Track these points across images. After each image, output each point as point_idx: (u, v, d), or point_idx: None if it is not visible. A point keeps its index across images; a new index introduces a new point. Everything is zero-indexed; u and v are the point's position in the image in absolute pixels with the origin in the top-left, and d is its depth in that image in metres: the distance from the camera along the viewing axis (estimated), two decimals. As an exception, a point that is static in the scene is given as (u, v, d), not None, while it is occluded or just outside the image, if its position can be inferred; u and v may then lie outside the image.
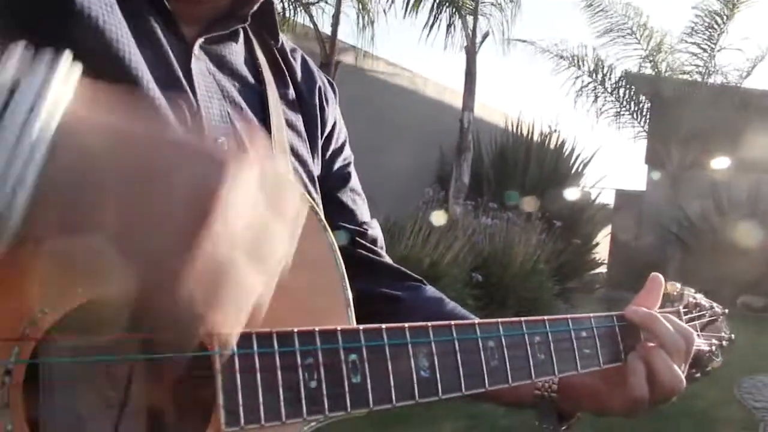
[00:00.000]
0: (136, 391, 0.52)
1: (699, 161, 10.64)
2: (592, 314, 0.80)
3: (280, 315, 0.54)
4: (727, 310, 1.10)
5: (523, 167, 9.19)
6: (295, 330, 0.54)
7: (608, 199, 12.35)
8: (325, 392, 0.54)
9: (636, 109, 11.68)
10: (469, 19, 8.20)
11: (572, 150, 10.04)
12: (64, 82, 0.38)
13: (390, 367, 0.58)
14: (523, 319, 0.71)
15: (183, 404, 0.53)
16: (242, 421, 0.51)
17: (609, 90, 11.57)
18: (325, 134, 0.85)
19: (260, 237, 0.42)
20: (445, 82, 9.98)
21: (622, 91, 11.58)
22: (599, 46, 11.26)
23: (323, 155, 0.85)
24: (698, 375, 0.99)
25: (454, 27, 8.23)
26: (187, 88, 0.66)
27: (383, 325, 0.58)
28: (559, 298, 7.02)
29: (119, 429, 0.52)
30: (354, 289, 0.63)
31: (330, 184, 0.85)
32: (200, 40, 0.70)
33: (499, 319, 0.69)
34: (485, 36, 8.31)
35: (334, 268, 0.59)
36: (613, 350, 0.81)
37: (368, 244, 0.88)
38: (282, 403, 0.52)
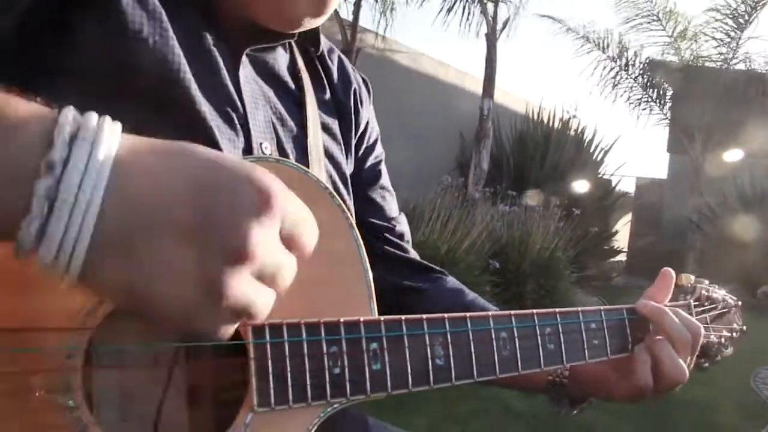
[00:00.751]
0: (179, 373, 0.58)
1: (721, 150, 10.53)
2: (602, 307, 0.84)
3: (309, 305, 0.59)
4: (740, 302, 1.12)
5: (543, 154, 9.15)
6: (321, 321, 0.59)
7: (629, 187, 12.29)
8: (347, 378, 0.59)
9: (659, 95, 11.56)
10: (490, 5, 8.15)
11: (592, 137, 9.98)
12: (112, 135, 0.42)
13: (408, 356, 0.63)
14: (535, 311, 0.75)
15: (220, 387, 0.59)
16: (273, 402, 0.56)
17: (632, 76, 11.45)
18: (358, 134, 0.89)
19: (277, 266, 0.46)
20: (465, 68, 9.96)
21: (645, 77, 11.45)
22: (624, 32, 11.13)
23: (356, 154, 0.89)
24: (707, 365, 1.03)
25: (472, 13, 8.20)
26: (236, 97, 0.70)
27: (402, 317, 0.63)
28: (577, 286, 7.02)
29: (163, 407, 0.57)
30: (382, 282, 0.67)
31: (361, 181, 0.89)
32: (248, 50, 0.73)
33: (512, 311, 0.73)
34: (506, 23, 8.27)
35: (359, 262, 0.64)
36: (622, 341, 0.85)
37: (395, 240, 0.93)
38: (308, 388, 0.57)
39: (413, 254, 0.96)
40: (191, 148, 0.44)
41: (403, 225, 0.95)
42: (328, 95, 0.85)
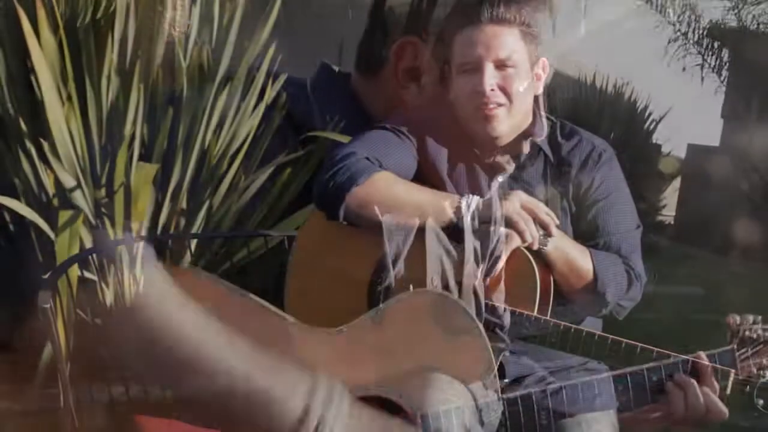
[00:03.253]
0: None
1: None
2: (662, 362, 1.21)
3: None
4: None
5: (596, 122, 9.16)
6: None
7: (680, 152, 12.18)
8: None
9: (716, 62, 11.36)
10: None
11: (645, 105, 9.93)
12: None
13: None
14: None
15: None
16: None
17: (692, 42, 11.26)
18: None
19: None
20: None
21: (705, 43, 11.25)
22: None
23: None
24: (748, 389, 1.28)
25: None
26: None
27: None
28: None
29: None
30: None
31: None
32: None
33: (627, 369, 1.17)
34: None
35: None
36: None
37: None
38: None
39: None
40: None
41: None
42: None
